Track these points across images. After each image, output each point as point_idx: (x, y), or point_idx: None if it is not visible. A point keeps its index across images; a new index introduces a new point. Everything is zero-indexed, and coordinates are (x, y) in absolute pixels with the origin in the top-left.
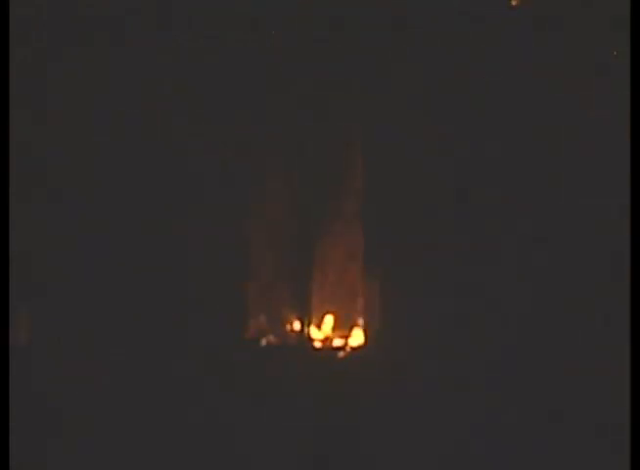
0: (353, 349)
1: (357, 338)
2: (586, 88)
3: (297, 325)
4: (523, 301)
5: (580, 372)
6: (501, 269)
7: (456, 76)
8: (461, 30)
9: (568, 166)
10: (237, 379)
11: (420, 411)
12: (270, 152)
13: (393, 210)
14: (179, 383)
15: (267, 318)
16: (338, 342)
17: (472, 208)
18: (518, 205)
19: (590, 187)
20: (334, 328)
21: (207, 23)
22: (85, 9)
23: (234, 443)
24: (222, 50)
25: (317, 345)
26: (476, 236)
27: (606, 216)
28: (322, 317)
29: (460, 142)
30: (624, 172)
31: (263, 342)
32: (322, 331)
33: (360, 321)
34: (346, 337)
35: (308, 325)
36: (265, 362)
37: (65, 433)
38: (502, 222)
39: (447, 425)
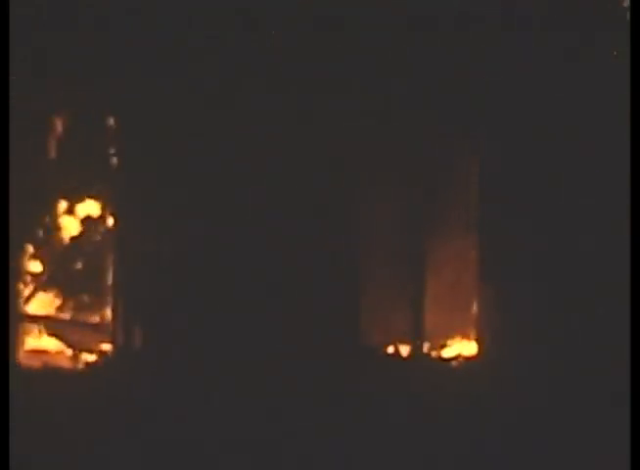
0: (467, 358)
1: (470, 347)
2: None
3: (411, 334)
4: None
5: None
6: (616, 280)
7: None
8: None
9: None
10: (353, 387)
11: (532, 420)
12: (386, 162)
13: (508, 218)
14: (294, 389)
15: (382, 327)
16: (451, 351)
17: (589, 216)
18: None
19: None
20: (448, 337)
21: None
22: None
23: (344, 447)
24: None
25: (431, 353)
26: (592, 244)
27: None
28: (436, 327)
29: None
30: (624, 172)
31: (378, 350)
32: (436, 340)
33: (474, 330)
34: (460, 346)
35: (422, 334)
36: (380, 370)
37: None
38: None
39: (562, 433)
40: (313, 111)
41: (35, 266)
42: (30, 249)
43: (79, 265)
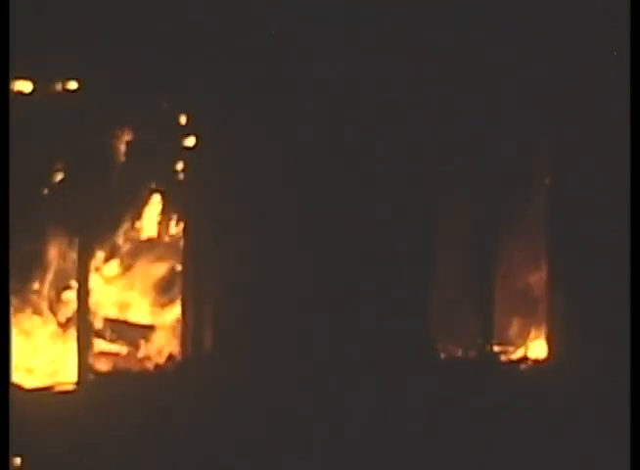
0: (536, 361)
1: (540, 350)
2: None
3: (480, 337)
4: None
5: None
6: None
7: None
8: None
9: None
10: (421, 392)
11: (603, 425)
12: (457, 162)
13: (577, 219)
14: (362, 396)
15: (450, 330)
16: (520, 354)
17: None
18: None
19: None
20: (516, 340)
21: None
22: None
23: (411, 451)
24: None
25: (499, 356)
26: None
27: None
28: (506, 331)
29: None
30: (624, 172)
31: (446, 353)
32: (506, 344)
33: (544, 333)
34: (529, 349)
35: (491, 336)
36: (448, 374)
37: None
38: None
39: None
40: (393, 114)
41: (106, 270)
42: (101, 252)
43: (150, 268)
